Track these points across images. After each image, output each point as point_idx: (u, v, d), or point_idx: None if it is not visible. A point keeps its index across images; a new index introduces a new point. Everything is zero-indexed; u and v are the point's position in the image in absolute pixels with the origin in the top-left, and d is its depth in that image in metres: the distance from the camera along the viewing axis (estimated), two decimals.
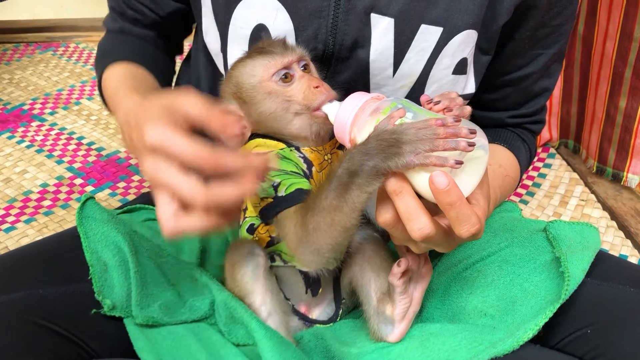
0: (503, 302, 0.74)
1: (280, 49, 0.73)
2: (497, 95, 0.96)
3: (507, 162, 0.92)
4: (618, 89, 1.48)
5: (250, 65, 0.74)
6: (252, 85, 0.73)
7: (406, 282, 0.72)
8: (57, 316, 0.69)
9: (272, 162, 0.61)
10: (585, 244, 0.74)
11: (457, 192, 0.57)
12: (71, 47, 2.32)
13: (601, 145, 1.58)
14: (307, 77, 0.73)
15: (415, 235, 0.59)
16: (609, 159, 1.57)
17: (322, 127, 0.74)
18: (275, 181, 0.71)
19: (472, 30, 0.81)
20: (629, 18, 1.40)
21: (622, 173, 1.56)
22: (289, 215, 0.68)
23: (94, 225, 0.77)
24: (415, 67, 0.81)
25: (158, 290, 0.75)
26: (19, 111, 1.89)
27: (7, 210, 1.47)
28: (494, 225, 0.83)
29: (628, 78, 1.45)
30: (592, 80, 1.58)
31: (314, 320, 0.81)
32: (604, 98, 1.53)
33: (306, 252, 0.65)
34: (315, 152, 0.75)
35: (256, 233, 0.78)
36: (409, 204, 0.59)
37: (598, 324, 0.68)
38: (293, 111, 0.73)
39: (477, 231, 0.59)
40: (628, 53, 1.43)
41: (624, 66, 1.45)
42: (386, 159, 0.58)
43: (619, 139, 1.52)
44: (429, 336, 0.72)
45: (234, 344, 0.73)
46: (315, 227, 0.63)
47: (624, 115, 1.49)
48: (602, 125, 1.55)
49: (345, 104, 0.68)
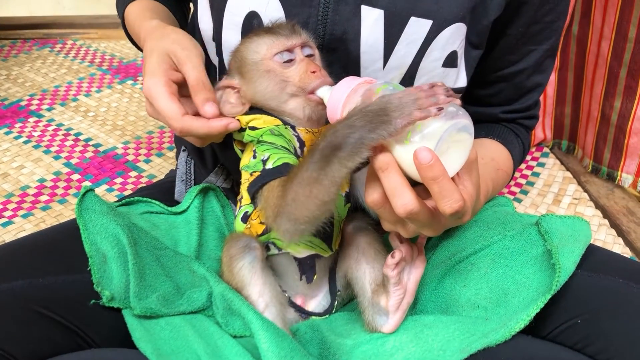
0: (495, 294, 0.75)
1: (287, 31, 0.76)
2: (490, 90, 0.97)
3: (500, 156, 0.94)
4: (613, 89, 1.49)
5: (255, 43, 0.77)
6: (254, 62, 0.76)
7: (400, 273, 0.73)
8: (57, 305, 0.70)
9: (233, 127, 0.74)
10: (577, 237, 0.75)
11: (440, 167, 0.59)
12: (68, 44, 2.32)
13: (596, 145, 1.59)
14: (306, 61, 0.76)
15: (399, 211, 0.61)
16: (604, 158, 1.58)
17: (315, 111, 0.76)
18: (265, 155, 0.73)
19: (462, 24, 0.82)
20: (624, 18, 1.41)
21: (617, 172, 1.57)
22: (273, 187, 0.70)
23: (93, 217, 0.78)
24: (405, 59, 0.82)
25: (156, 282, 0.76)
26: (16, 107, 1.90)
27: (4, 205, 1.47)
28: (487, 219, 0.84)
29: (623, 78, 1.46)
30: (587, 80, 1.59)
31: (310, 312, 0.82)
32: (599, 98, 1.54)
33: (284, 221, 0.66)
34: (309, 133, 0.78)
35: (249, 221, 0.79)
36: (394, 180, 0.61)
37: (588, 314, 0.69)
38: (289, 92, 0.76)
39: (460, 208, 0.60)
40: (623, 53, 1.44)
41: (619, 66, 1.46)
42: (375, 129, 0.59)
43: (613, 138, 1.54)
44: (422, 327, 0.73)
45: (231, 335, 0.74)
46: (294, 197, 0.64)
47: (619, 115, 1.50)
48: (598, 124, 1.56)
49: (338, 87, 0.70)
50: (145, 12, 0.92)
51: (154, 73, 0.75)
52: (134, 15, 0.93)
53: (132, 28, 0.94)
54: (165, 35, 0.80)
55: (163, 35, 0.80)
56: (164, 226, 0.87)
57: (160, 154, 1.70)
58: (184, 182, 0.99)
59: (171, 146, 1.73)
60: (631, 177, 1.55)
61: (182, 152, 1.02)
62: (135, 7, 0.96)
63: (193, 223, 0.87)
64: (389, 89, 0.66)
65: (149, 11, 0.93)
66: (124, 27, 1.00)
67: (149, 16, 0.91)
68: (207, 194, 0.93)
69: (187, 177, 1.00)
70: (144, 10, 0.93)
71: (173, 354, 0.69)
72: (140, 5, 0.96)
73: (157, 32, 0.82)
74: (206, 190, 0.93)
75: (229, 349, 0.70)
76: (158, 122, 1.84)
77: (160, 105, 0.74)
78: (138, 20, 0.91)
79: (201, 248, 0.87)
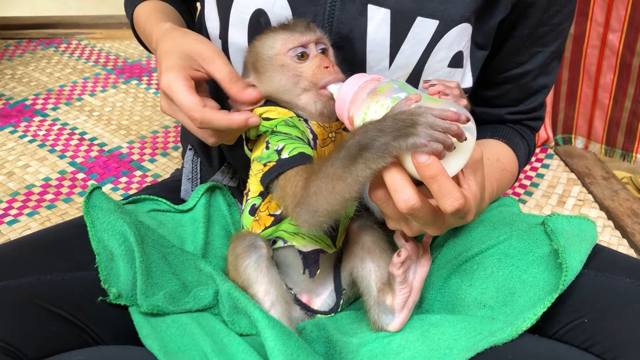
0: (502, 293, 0.76)
1: (302, 28, 0.78)
2: (496, 92, 0.97)
3: (505, 156, 0.94)
4: (627, 77, 1.61)
5: (271, 38, 0.78)
6: (269, 56, 0.78)
7: (406, 272, 0.73)
8: (64, 301, 0.71)
9: (254, 122, 0.75)
10: (583, 237, 0.76)
11: (438, 165, 0.60)
12: (73, 44, 2.33)
13: (609, 130, 1.71)
14: (320, 57, 0.78)
15: (401, 206, 0.61)
16: (617, 141, 1.70)
17: (326, 106, 0.77)
18: (279, 145, 0.74)
19: (467, 24, 0.82)
20: (636, 11, 1.53)
21: (632, 154, 1.70)
22: (290, 176, 0.71)
23: (100, 215, 0.78)
24: (411, 59, 0.82)
25: (163, 280, 0.77)
26: (22, 106, 1.90)
27: (9, 204, 1.48)
28: (492, 219, 0.84)
29: (637, 66, 1.59)
30: (587, 72, 1.68)
31: (315, 310, 0.82)
32: (611, 86, 1.65)
33: (303, 211, 0.67)
34: (321, 127, 0.79)
35: (257, 213, 0.79)
36: (396, 176, 0.61)
37: (595, 313, 0.69)
38: (301, 86, 0.77)
39: (460, 206, 0.60)
40: (636, 43, 1.56)
41: (632, 56, 1.58)
42: (397, 138, 0.60)
43: (627, 122, 1.67)
44: (429, 327, 0.74)
45: (237, 334, 0.74)
46: (316, 190, 0.65)
47: (632, 100, 1.63)
48: (610, 110, 1.68)
49: (346, 84, 0.72)
50: (156, 13, 0.93)
51: (173, 68, 0.75)
52: (145, 16, 0.93)
53: (142, 29, 0.94)
54: (185, 35, 0.81)
55: (183, 35, 0.81)
56: (170, 224, 0.87)
57: (165, 153, 1.70)
58: (190, 180, 0.99)
59: (176, 146, 1.74)
60: None
61: (189, 151, 1.02)
62: (145, 7, 0.96)
63: (199, 221, 0.88)
64: (395, 87, 0.67)
65: (160, 12, 0.93)
66: (132, 27, 1.00)
67: (161, 18, 0.91)
68: (213, 193, 0.93)
69: (194, 176, 1.00)
70: (155, 11, 0.94)
71: (180, 351, 0.69)
72: (150, 6, 0.96)
73: (174, 33, 0.83)
74: (213, 189, 0.93)
75: (235, 346, 0.70)
76: (163, 122, 1.84)
77: (180, 97, 0.74)
78: (149, 21, 0.91)
79: (207, 246, 0.88)
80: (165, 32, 0.84)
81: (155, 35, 0.86)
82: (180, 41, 0.80)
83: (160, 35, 0.84)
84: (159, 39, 0.83)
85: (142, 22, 0.94)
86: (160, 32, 0.85)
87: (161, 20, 0.90)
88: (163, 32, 0.84)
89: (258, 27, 0.83)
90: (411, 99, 0.63)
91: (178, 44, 0.79)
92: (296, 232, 0.78)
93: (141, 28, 0.94)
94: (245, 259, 0.77)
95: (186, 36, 0.81)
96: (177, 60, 0.76)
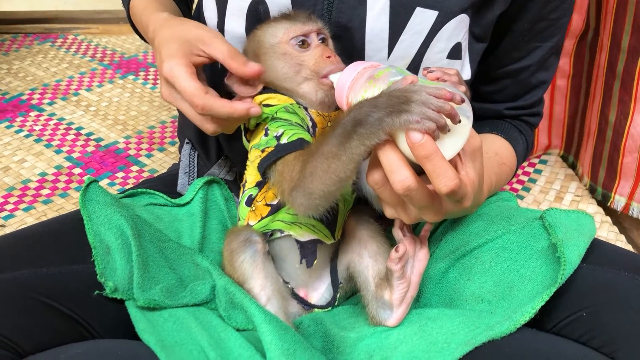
0: (500, 287, 0.75)
1: (303, 18, 0.79)
2: (495, 87, 0.97)
3: (504, 151, 0.94)
4: (608, 102, 1.41)
5: (273, 27, 0.79)
6: (271, 45, 0.79)
7: (404, 267, 0.73)
8: (60, 295, 0.70)
9: (255, 112, 0.74)
10: (581, 231, 0.75)
11: (432, 145, 0.60)
12: (69, 39, 2.32)
13: (593, 163, 1.52)
14: (321, 47, 0.79)
15: (397, 187, 0.62)
16: (599, 177, 1.50)
17: (327, 95, 0.78)
18: (278, 131, 0.74)
19: (465, 15, 0.82)
20: (617, 25, 1.34)
21: (610, 194, 1.47)
22: (288, 161, 0.71)
23: (97, 208, 0.78)
24: (410, 50, 0.82)
25: (160, 274, 0.76)
26: (17, 101, 1.89)
27: (5, 199, 1.47)
28: (491, 213, 0.84)
29: (617, 91, 1.37)
30: (582, 93, 1.54)
31: (312, 304, 0.82)
32: (597, 112, 1.46)
33: (299, 194, 0.67)
34: (320, 116, 0.79)
35: (254, 203, 0.79)
36: (392, 157, 0.62)
37: (593, 307, 0.69)
38: (303, 75, 0.78)
39: (455, 187, 0.61)
40: (617, 63, 1.36)
41: (613, 78, 1.37)
42: (391, 114, 0.60)
43: (608, 156, 1.45)
44: (427, 321, 0.73)
45: (234, 329, 0.74)
46: (312, 171, 0.65)
47: (613, 131, 1.41)
48: (595, 141, 1.48)
49: (345, 71, 0.73)
50: (153, 3, 0.92)
51: (175, 55, 0.75)
52: (141, 6, 0.93)
53: (138, 19, 0.94)
54: (183, 22, 0.81)
55: (181, 23, 0.81)
56: (167, 218, 0.87)
57: (161, 148, 1.70)
58: (187, 174, 0.99)
59: (173, 141, 1.73)
60: (624, 199, 1.46)
61: (186, 145, 1.02)
62: None
63: (196, 215, 0.88)
64: (392, 72, 0.68)
65: (157, 2, 0.93)
66: (129, 18, 1.00)
67: (157, 7, 0.91)
68: (210, 186, 0.93)
69: (191, 170, 1.00)
70: (151, 1, 0.93)
71: (177, 345, 0.69)
72: None
73: (172, 22, 0.83)
74: (210, 183, 0.93)
75: (232, 340, 0.70)
76: (159, 117, 1.84)
77: (182, 83, 0.73)
78: (146, 11, 0.91)
79: (204, 240, 0.87)
80: (162, 21, 0.84)
81: (152, 25, 0.85)
82: (179, 28, 0.79)
83: (158, 25, 0.83)
84: (156, 29, 0.83)
85: (138, 12, 0.93)
86: (158, 21, 0.85)
87: (158, 10, 0.89)
88: (160, 22, 0.84)
89: (257, 15, 0.83)
90: (408, 79, 0.63)
91: (177, 31, 0.79)
92: (293, 222, 0.77)
93: (137, 18, 0.94)
94: (240, 254, 0.77)
95: (184, 23, 0.81)
96: (177, 47, 0.76)
